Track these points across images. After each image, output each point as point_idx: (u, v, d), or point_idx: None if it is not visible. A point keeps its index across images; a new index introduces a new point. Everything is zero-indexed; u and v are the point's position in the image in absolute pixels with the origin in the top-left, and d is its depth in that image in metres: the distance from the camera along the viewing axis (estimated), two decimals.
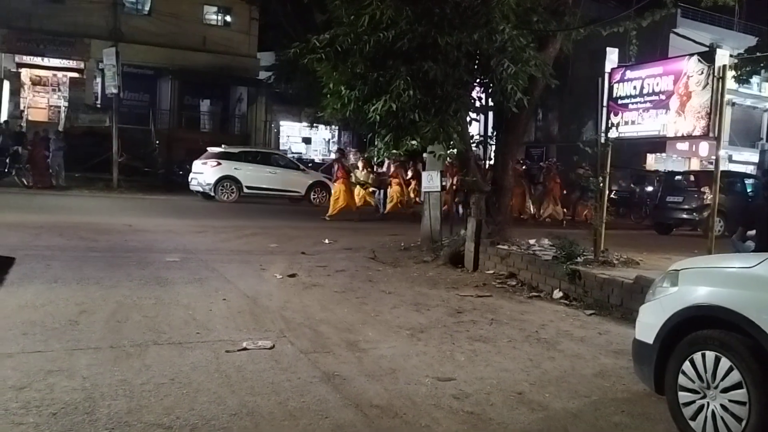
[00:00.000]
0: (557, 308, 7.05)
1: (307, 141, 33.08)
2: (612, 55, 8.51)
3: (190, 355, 4.60)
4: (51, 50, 25.38)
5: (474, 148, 10.24)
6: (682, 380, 3.53)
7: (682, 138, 9.60)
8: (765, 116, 34.79)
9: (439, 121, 8.40)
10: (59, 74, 26.90)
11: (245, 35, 28.98)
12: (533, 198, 19.35)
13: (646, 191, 21.74)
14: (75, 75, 26.61)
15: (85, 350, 4.57)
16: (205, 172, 19.25)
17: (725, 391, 3.31)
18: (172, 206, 17.23)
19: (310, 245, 10.78)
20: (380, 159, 15.49)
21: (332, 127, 31.37)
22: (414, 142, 9.29)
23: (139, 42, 25.23)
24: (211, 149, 20.00)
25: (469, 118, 9.64)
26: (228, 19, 29.27)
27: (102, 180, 20.80)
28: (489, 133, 10.90)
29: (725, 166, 22.62)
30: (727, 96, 7.05)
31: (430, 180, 10.90)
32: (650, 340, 3.73)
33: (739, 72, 17.41)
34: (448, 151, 9.60)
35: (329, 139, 33.65)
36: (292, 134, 33.12)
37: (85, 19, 24.71)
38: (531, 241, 9.33)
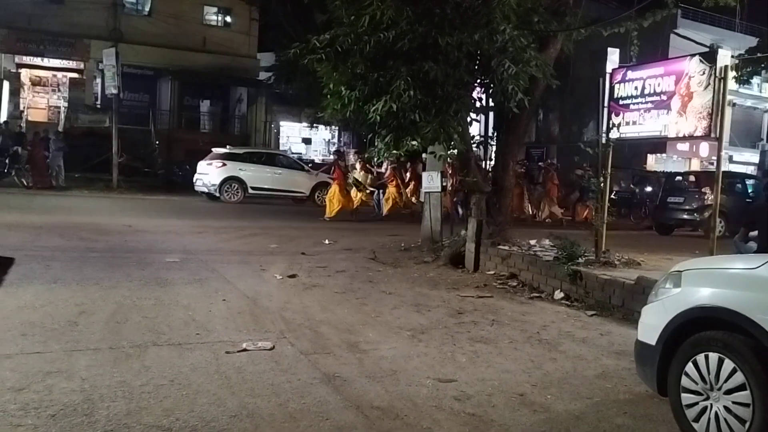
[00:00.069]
0: (558, 309, 7.03)
1: (307, 141, 33.07)
2: (613, 56, 8.53)
3: (190, 356, 4.58)
4: (51, 51, 25.36)
5: (474, 149, 10.22)
6: (685, 382, 3.51)
7: (684, 138, 9.60)
8: (765, 117, 34.72)
9: (439, 121, 8.38)
10: (59, 75, 26.88)
11: (245, 36, 28.97)
12: (531, 199, 19.33)
13: (645, 192, 21.71)
14: (75, 75, 26.58)
15: (84, 351, 4.55)
16: (210, 173, 19.21)
17: (728, 392, 3.29)
18: (172, 207, 17.21)
19: (311, 246, 10.76)
20: (380, 159, 15.49)
21: (332, 127, 31.36)
22: (414, 143, 9.27)
23: (139, 42, 25.23)
24: (216, 150, 19.93)
25: (469, 119, 9.62)
26: (228, 19, 29.26)
27: (102, 180, 20.79)
28: (489, 134, 10.88)
29: (726, 167, 22.57)
30: (728, 96, 7.01)
31: (431, 180, 10.89)
32: (653, 342, 3.71)
33: (740, 72, 17.39)
34: (449, 152, 9.59)
35: (329, 140, 33.63)
36: (292, 135, 33.11)
37: (85, 20, 24.71)
38: (532, 242, 9.31)
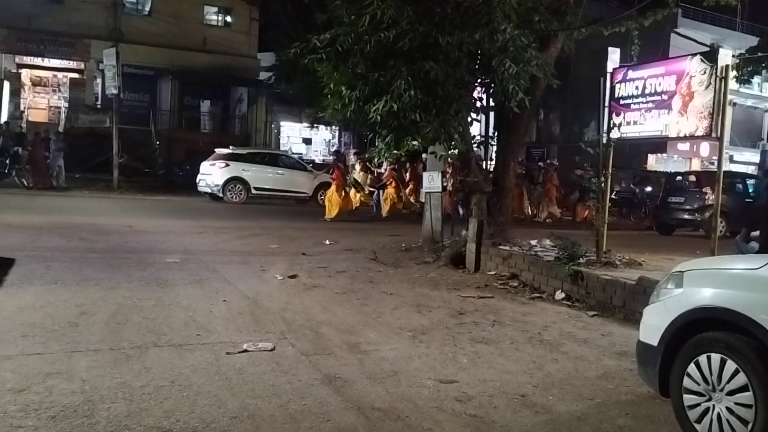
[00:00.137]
0: (560, 309, 7.02)
1: (308, 141, 33.06)
2: (614, 55, 8.51)
3: (191, 357, 4.57)
4: (51, 51, 25.37)
5: (475, 149, 10.20)
6: (687, 383, 3.50)
7: (685, 138, 9.58)
8: (766, 116, 34.73)
9: (440, 121, 8.37)
10: (59, 75, 26.88)
11: (245, 36, 28.96)
12: (531, 199, 19.35)
13: (645, 192, 21.71)
14: (75, 76, 26.58)
15: (84, 352, 4.54)
16: (213, 174, 19.24)
17: (731, 393, 3.27)
18: (173, 207, 17.21)
19: (311, 246, 10.75)
20: (381, 159, 15.48)
21: (333, 127, 31.33)
22: (415, 143, 9.25)
23: (140, 42, 25.22)
24: (219, 150, 19.95)
25: (470, 119, 9.60)
26: (228, 19, 29.25)
27: (102, 181, 20.79)
28: (490, 134, 10.86)
29: (726, 167, 22.54)
30: (729, 96, 6.99)
31: (431, 180, 10.88)
32: (655, 342, 3.69)
33: (741, 72, 17.37)
34: (449, 152, 9.57)
35: (329, 140, 33.62)
36: (292, 135, 33.09)
37: (85, 20, 24.71)
38: (533, 242, 9.29)
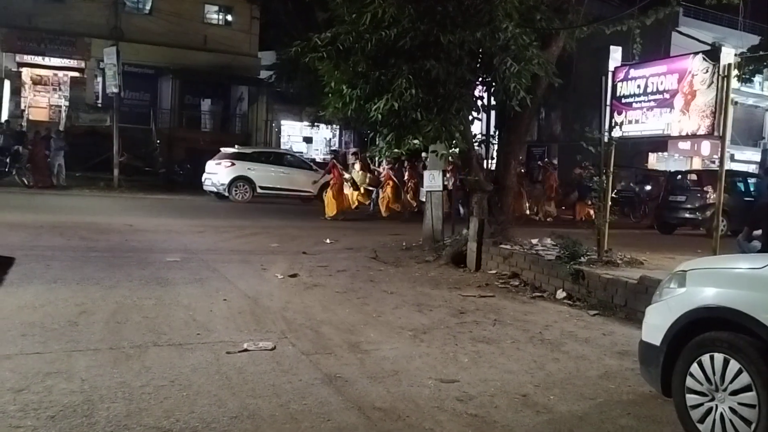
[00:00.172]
0: (561, 309, 7.00)
1: (308, 140, 33.03)
2: (615, 54, 8.43)
3: (191, 357, 4.56)
4: (52, 49, 25.32)
5: (476, 148, 10.18)
6: (690, 382, 3.48)
7: (687, 137, 9.55)
8: (767, 115, 34.69)
9: (441, 120, 8.35)
10: (60, 73, 26.84)
11: (246, 34, 28.92)
12: (530, 197, 19.38)
13: (645, 190, 21.70)
14: (76, 74, 26.55)
15: (84, 352, 4.53)
16: (219, 173, 19.30)
17: (734, 393, 3.25)
18: (173, 206, 17.19)
19: (312, 245, 10.74)
20: (382, 158, 15.47)
21: (333, 126, 31.30)
22: (416, 141, 9.25)
23: (140, 41, 25.17)
24: (225, 150, 20.03)
25: (471, 117, 9.58)
26: (229, 18, 29.22)
27: (103, 179, 20.77)
28: (491, 133, 10.84)
29: (727, 166, 22.50)
30: (731, 95, 6.97)
31: (432, 179, 10.86)
32: (657, 342, 3.68)
33: (742, 71, 17.31)
34: (450, 151, 9.55)
35: (329, 139, 33.59)
36: (293, 133, 33.05)
37: (86, 18, 24.66)
38: (533, 241, 9.27)
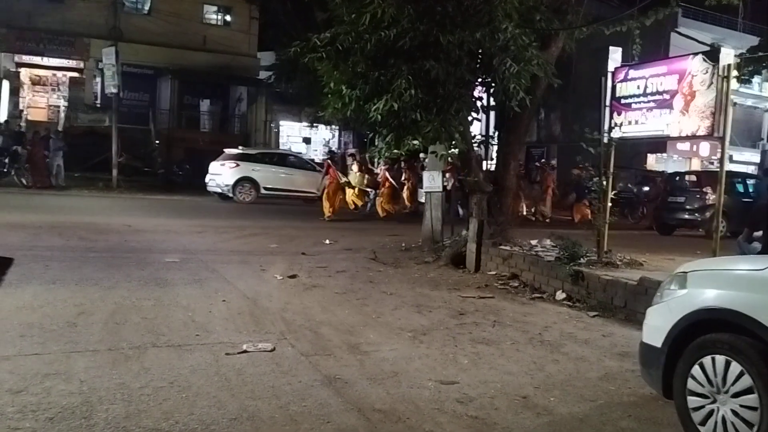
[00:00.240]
0: (560, 310, 6.99)
1: (307, 141, 33.00)
2: (615, 54, 8.43)
3: (190, 358, 4.54)
4: (50, 50, 25.25)
5: (476, 148, 10.17)
6: (691, 384, 3.47)
7: (687, 138, 9.54)
8: (766, 116, 34.69)
9: (440, 120, 8.33)
10: (59, 74, 26.76)
11: (245, 34, 28.89)
12: (529, 198, 19.44)
13: (643, 191, 21.71)
14: (74, 74, 26.49)
15: (83, 353, 4.51)
16: (223, 174, 19.34)
17: (736, 395, 3.24)
18: (172, 206, 17.17)
19: (311, 246, 10.72)
20: (381, 159, 15.44)
21: (332, 126, 31.26)
22: (415, 142, 9.23)
23: (139, 41, 25.11)
24: (229, 150, 20.13)
25: (470, 118, 9.57)
26: (228, 18, 29.18)
27: (101, 180, 20.75)
28: (491, 133, 10.82)
29: (726, 167, 22.51)
30: (730, 96, 6.96)
31: (432, 180, 10.85)
32: (658, 344, 3.66)
33: (742, 72, 17.29)
34: (450, 151, 9.54)
35: (329, 139, 33.57)
36: (292, 134, 33.02)
37: (85, 19, 24.62)
38: (533, 242, 9.26)
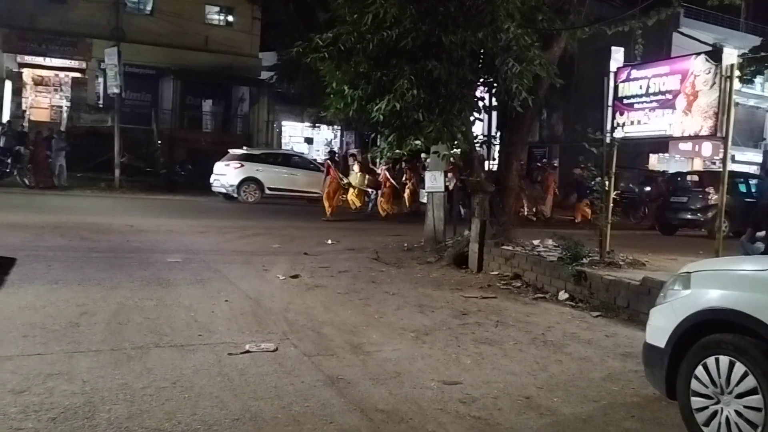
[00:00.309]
0: (563, 310, 6.98)
1: (309, 141, 33.02)
2: (617, 54, 8.41)
3: (192, 358, 4.54)
4: (53, 50, 25.29)
5: (478, 148, 10.16)
6: (695, 385, 3.46)
7: (689, 138, 9.51)
8: None
9: (443, 120, 8.33)
10: (61, 74, 26.80)
11: (247, 35, 28.89)
12: (530, 198, 19.46)
13: (645, 191, 21.70)
14: (77, 75, 26.52)
15: (85, 353, 4.51)
16: (228, 174, 19.39)
17: (740, 396, 3.23)
18: (174, 206, 17.18)
19: (313, 246, 10.72)
20: (383, 159, 15.42)
21: (335, 127, 31.28)
22: (417, 142, 9.24)
23: (141, 42, 25.12)
24: (233, 151, 20.20)
25: (473, 118, 9.57)
26: (230, 18, 29.18)
27: (104, 180, 20.76)
28: (493, 133, 10.82)
29: (729, 167, 22.44)
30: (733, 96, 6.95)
31: (434, 180, 10.84)
32: (662, 344, 3.66)
33: (744, 72, 17.25)
34: (452, 151, 9.53)
35: (331, 139, 33.58)
36: (294, 134, 33.05)
37: (87, 19, 24.63)
38: (535, 242, 9.25)
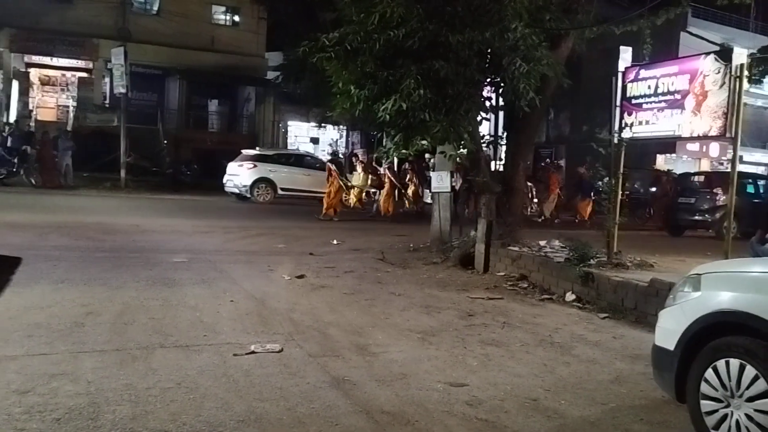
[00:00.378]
0: (570, 311, 6.93)
1: (315, 141, 33.01)
2: (625, 54, 8.39)
3: (197, 359, 4.52)
4: (60, 50, 25.36)
5: (484, 149, 10.12)
6: (705, 388, 3.41)
7: (698, 138, 9.46)
8: None
9: (449, 120, 8.29)
10: (68, 74, 26.88)
11: (253, 35, 28.89)
12: (539, 198, 19.41)
13: (650, 191, 21.60)
14: (83, 75, 26.59)
15: (90, 353, 4.49)
16: (241, 174, 19.54)
17: (750, 400, 3.19)
18: (180, 206, 17.19)
19: (318, 246, 10.70)
20: (390, 159, 15.40)
21: (340, 127, 31.27)
22: (424, 142, 9.20)
23: (148, 42, 25.18)
24: (246, 151, 20.39)
25: (479, 118, 9.52)
26: (236, 18, 29.20)
27: (110, 180, 20.81)
28: (500, 133, 10.77)
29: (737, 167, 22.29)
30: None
31: (440, 180, 10.80)
32: (671, 347, 3.61)
33: (753, 72, 17.13)
34: (459, 151, 9.49)
35: (337, 139, 33.57)
36: (300, 134, 33.06)
37: (94, 19, 24.69)
38: (542, 243, 9.20)
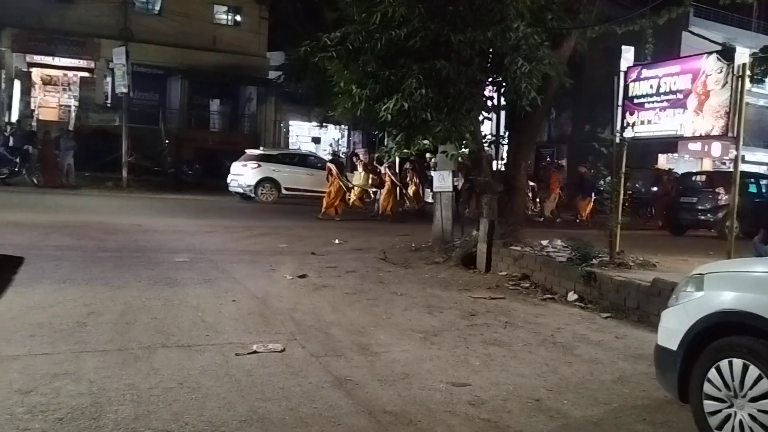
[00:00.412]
0: (572, 311, 6.93)
1: (317, 141, 33.02)
2: (627, 54, 8.33)
3: (199, 359, 4.52)
4: (61, 50, 25.40)
5: (486, 148, 10.11)
6: (708, 388, 3.41)
7: (700, 138, 9.44)
8: None
9: (451, 120, 8.29)
10: (69, 74, 26.92)
11: (255, 34, 28.90)
12: (540, 197, 19.42)
13: (651, 191, 21.58)
14: (85, 74, 26.62)
15: (92, 353, 4.49)
16: (245, 174, 19.53)
17: (753, 400, 3.18)
18: (182, 206, 17.20)
19: (321, 245, 10.70)
20: (392, 159, 15.39)
21: (342, 126, 31.26)
22: (426, 142, 9.20)
23: (149, 41, 25.19)
24: (250, 151, 20.39)
25: (481, 117, 9.51)
26: (238, 18, 29.21)
27: (111, 179, 20.83)
28: (501, 133, 10.76)
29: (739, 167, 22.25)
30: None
31: (442, 180, 10.80)
32: (674, 347, 3.60)
33: (754, 71, 17.09)
34: (460, 151, 9.48)
35: (338, 139, 33.56)
36: (301, 134, 33.07)
37: (96, 19, 24.71)
38: (544, 242, 9.19)
